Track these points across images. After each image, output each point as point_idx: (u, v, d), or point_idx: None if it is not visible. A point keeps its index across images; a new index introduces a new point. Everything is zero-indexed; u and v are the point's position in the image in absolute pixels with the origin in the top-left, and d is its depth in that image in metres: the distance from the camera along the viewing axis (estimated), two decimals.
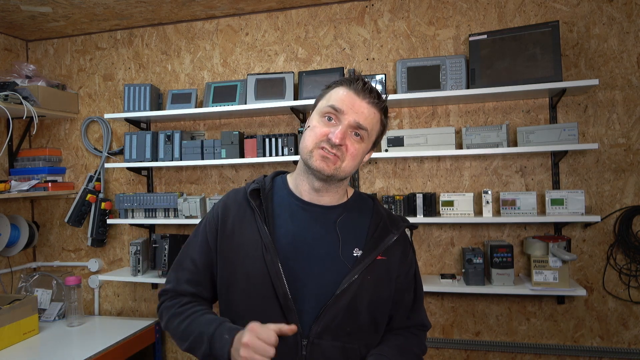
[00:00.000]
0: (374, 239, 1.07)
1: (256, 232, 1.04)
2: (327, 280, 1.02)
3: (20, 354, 2.08)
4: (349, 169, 1.03)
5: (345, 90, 1.03)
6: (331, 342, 1.00)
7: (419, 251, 2.44)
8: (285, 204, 1.09)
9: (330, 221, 1.07)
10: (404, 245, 1.14)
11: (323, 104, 1.05)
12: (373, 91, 1.04)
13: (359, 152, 1.03)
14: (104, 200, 2.77)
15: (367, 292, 1.03)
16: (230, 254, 1.05)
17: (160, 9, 2.57)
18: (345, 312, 1.01)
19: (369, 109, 1.03)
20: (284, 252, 1.02)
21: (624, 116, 2.19)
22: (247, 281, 1.02)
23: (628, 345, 2.19)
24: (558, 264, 2.07)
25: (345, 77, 1.08)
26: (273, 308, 0.99)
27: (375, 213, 1.12)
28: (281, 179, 1.14)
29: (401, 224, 1.13)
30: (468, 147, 2.21)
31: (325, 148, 1.00)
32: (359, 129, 1.02)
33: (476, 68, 2.21)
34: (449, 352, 2.39)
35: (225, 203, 1.12)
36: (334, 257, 1.04)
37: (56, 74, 2.98)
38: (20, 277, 2.79)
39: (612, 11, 2.21)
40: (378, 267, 1.06)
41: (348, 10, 2.53)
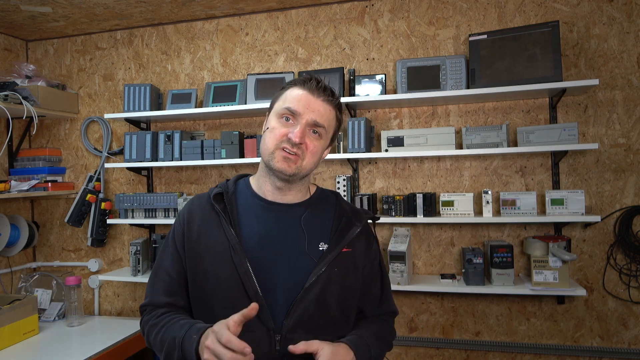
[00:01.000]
0: (338, 233, 1.10)
1: (223, 235, 1.06)
2: (295, 276, 1.04)
3: (20, 354, 2.08)
4: (309, 166, 1.07)
5: (300, 90, 1.06)
6: (304, 335, 1.02)
7: (419, 251, 2.44)
8: (250, 205, 1.11)
9: (294, 218, 1.10)
10: (368, 236, 1.17)
11: (279, 105, 1.07)
12: (327, 89, 1.08)
13: (318, 149, 1.07)
14: (104, 200, 2.77)
15: (335, 283, 1.06)
16: (199, 258, 1.07)
17: (160, 9, 2.57)
18: (315, 305, 1.04)
19: (324, 106, 1.06)
20: (251, 251, 1.05)
21: (624, 116, 2.19)
22: (218, 283, 1.04)
23: (628, 345, 2.19)
24: (558, 264, 2.07)
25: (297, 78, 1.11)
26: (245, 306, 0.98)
27: (338, 208, 1.15)
28: (244, 182, 1.17)
29: (364, 216, 1.16)
30: (468, 147, 2.21)
31: (286, 148, 1.03)
32: (316, 126, 1.05)
33: (476, 68, 2.21)
34: (449, 352, 2.39)
35: (189, 209, 1.14)
36: (300, 253, 1.06)
37: (56, 74, 2.98)
38: (20, 277, 2.79)
39: (612, 11, 2.21)
40: (344, 259, 1.09)
41: (348, 10, 2.53)
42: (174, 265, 1.11)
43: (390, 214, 2.30)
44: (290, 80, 1.11)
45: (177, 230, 1.13)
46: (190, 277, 1.09)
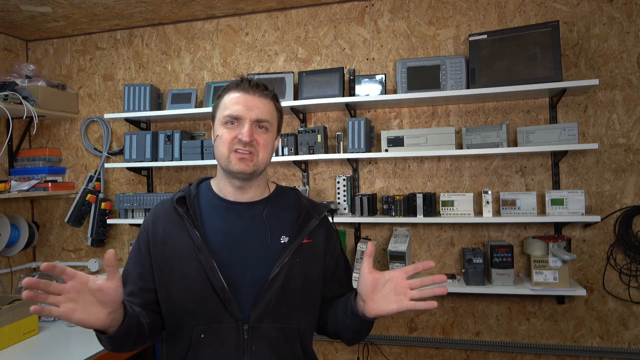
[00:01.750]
0: (298, 225, 1.16)
1: (187, 236, 1.11)
2: (260, 269, 1.10)
3: (20, 354, 2.08)
4: (265, 159, 1.13)
5: (236, 94, 1.11)
6: (271, 324, 1.09)
7: (419, 251, 2.44)
8: (212, 206, 1.17)
9: (256, 215, 1.16)
10: (327, 227, 1.23)
11: (221, 113, 1.12)
12: (260, 85, 1.12)
13: (268, 141, 1.13)
14: (104, 200, 2.77)
15: (298, 273, 1.12)
16: (166, 260, 1.12)
17: (160, 9, 2.57)
18: (280, 294, 1.09)
19: (262, 101, 1.11)
20: (216, 249, 1.10)
21: (624, 116, 2.19)
22: (186, 281, 1.09)
23: (628, 345, 2.19)
24: (558, 264, 2.07)
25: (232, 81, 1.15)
26: (213, 301, 1.07)
27: (297, 203, 1.21)
28: (205, 185, 1.22)
29: (322, 209, 1.22)
30: (468, 147, 2.21)
31: (239, 149, 1.08)
32: (260, 122, 1.10)
33: (476, 68, 2.21)
34: (449, 352, 2.39)
35: (154, 215, 1.19)
36: (264, 247, 1.12)
37: (56, 74, 2.98)
38: (20, 277, 2.79)
39: (612, 11, 2.21)
40: (305, 250, 1.15)
41: (348, 10, 2.53)
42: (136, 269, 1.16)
43: (390, 214, 2.30)
44: (224, 87, 1.15)
45: (142, 235, 1.18)
46: (157, 278, 1.13)
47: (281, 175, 2.62)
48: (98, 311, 0.92)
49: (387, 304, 1.01)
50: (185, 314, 1.09)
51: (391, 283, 1.02)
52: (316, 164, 2.57)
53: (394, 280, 1.02)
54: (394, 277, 1.02)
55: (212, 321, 1.07)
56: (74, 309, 0.89)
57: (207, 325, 1.07)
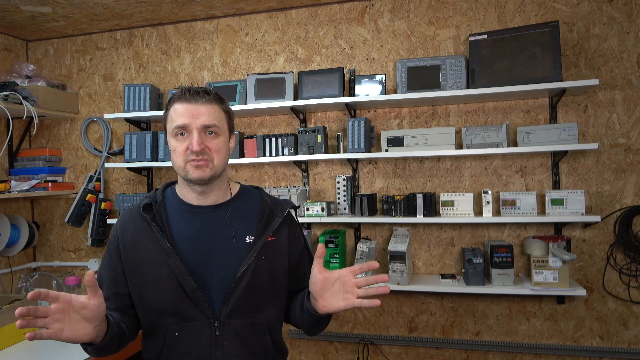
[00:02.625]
0: (262, 225, 1.20)
1: (156, 242, 1.15)
2: (227, 269, 1.15)
3: (20, 354, 2.08)
4: (221, 162, 1.15)
5: (179, 105, 1.13)
6: (241, 319, 1.15)
7: (419, 251, 2.44)
8: (177, 211, 1.20)
9: (220, 218, 1.19)
10: (291, 224, 1.27)
11: (170, 126, 1.15)
12: (200, 91, 1.14)
13: (221, 145, 1.15)
14: (104, 200, 2.77)
15: (264, 270, 1.17)
16: (137, 265, 1.16)
17: (160, 9, 2.57)
18: (248, 291, 1.15)
19: (205, 107, 1.12)
20: (184, 253, 1.14)
21: (624, 116, 2.19)
22: (157, 285, 1.14)
23: (628, 345, 2.19)
24: (558, 264, 2.07)
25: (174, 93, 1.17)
26: (185, 302, 1.12)
27: (261, 202, 1.25)
28: (170, 190, 1.26)
29: (285, 206, 1.26)
30: (468, 147, 2.21)
31: (194, 159, 1.11)
32: (208, 128, 1.12)
33: (476, 68, 2.21)
34: (449, 352, 2.39)
35: (122, 222, 1.23)
36: (230, 248, 1.16)
37: (56, 74, 2.98)
38: (20, 277, 2.79)
39: (612, 11, 2.21)
40: (270, 247, 1.20)
41: (348, 10, 2.53)
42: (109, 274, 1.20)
43: (390, 214, 2.30)
44: (169, 99, 1.18)
45: (112, 243, 1.21)
46: (129, 283, 1.18)
47: (281, 175, 2.62)
48: (84, 327, 0.98)
49: (336, 301, 1.07)
50: (159, 315, 1.14)
51: (340, 282, 1.07)
52: (316, 164, 2.57)
53: (342, 279, 1.07)
54: (342, 276, 1.07)
55: (185, 319, 1.13)
56: (61, 328, 0.95)
57: (180, 323, 1.13)
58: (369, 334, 2.48)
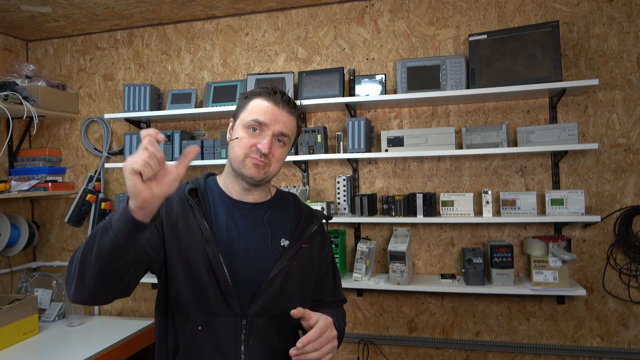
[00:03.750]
0: (298, 230, 1.22)
1: (196, 227, 1.13)
2: (260, 268, 1.15)
3: (20, 354, 2.08)
4: (275, 171, 1.17)
5: (266, 103, 1.14)
6: (268, 320, 1.14)
7: (419, 251, 2.44)
8: (219, 202, 1.20)
9: (258, 216, 1.20)
10: (322, 234, 1.30)
11: (246, 116, 1.15)
12: (290, 102, 1.16)
13: (283, 155, 1.18)
14: (104, 200, 2.77)
15: (294, 276, 1.18)
16: (176, 239, 1.12)
17: (160, 9, 2.57)
18: (278, 294, 1.15)
19: (288, 117, 1.16)
20: (222, 244, 1.14)
21: (624, 116, 2.19)
22: (190, 271, 1.11)
23: (628, 345, 2.19)
24: (558, 264, 2.07)
25: (261, 88, 1.17)
26: (215, 294, 1.10)
27: (297, 208, 1.28)
28: (212, 180, 1.25)
29: (320, 216, 1.28)
30: (468, 147, 2.21)
31: (256, 157, 1.12)
32: (282, 136, 1.15)
33: (476, 68, 2.21)
34: (449, 352, 2.39)
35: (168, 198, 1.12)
36: (264, 248, 1.17)
37: (56, 74, 2.98)
38: (20, 277, 2.79)
39: (612, 11, 2.21)
40: (302, 254, 1.21)
41: (348, 10, 2.53)
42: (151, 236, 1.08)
43: (390, 214, 2.30)
44: (254, 91, 1.18)
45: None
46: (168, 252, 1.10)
47: (281, 175, 2.62)
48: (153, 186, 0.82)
49: None
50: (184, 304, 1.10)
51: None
52: (316, 164, 2.57)
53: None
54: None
55: (211, 314, 1.10)
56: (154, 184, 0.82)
57: (205, 318, 1.10)
58: (369, 334, 2.48)
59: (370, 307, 2.50)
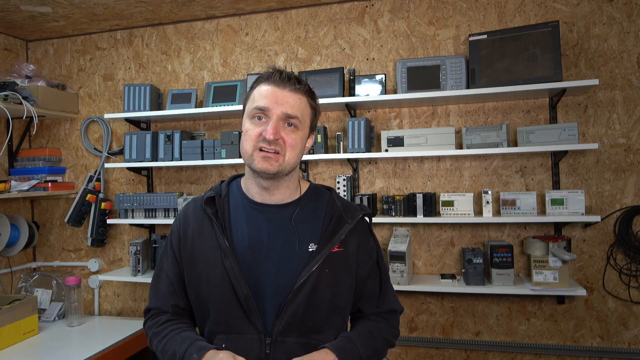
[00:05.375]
0: (328, 232, 1.07)
1: (214, 239, 1.06)
2: (285, 279, 1.03)
3: (20, 354, 2.08)
4: (292, 160, 1.03)
5: (265, 86, 1.03)
6: (295, 338, 1.02)
7: (419, 251, 2.44)
8: (240, 207, 1.10)
9: (285, 219, 1.08)
10: (363, 233, 1.13)
11: (249, 106, 1.05)
12: (292, 78, 1.04)
13: (297, 141, 1.04)
14: (104, 200, 2.77)
15: (326, 285, 1.04)
16: (194, 262, 1.08)
17: (160, 9, 2.57)
18: (306, 307, 1.02)
19: (292, 96, 1.03)
20: (241, 256, 1.04)
21: (624, 116, 2.19)
22: (210, 287, 1.05)
23: (628, 345, 2.19)
24: (558, 264, 2.07)
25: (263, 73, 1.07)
26: (236, 310, 1.02)
27: (330, 205, 1.11)
28: (236, 183, 1.16)
29: (358, 212, 1.12)
30: (468, 147, 2.21)
31: (264, 147, 1.00)
32: (289, 118, 1.02)
33: (476, 68, 2.21)
34: (449, 352, 2.39)
35: (185, 214, 1.15)
36: (290, 255, 1.05)
37: (56, 74, 2.98)
38: (20, 277, 2.79)
39: (612, 11, 2.21)
40: (335, 259, 1.06)
41: (348, 10, 2.53)
42: (173, 268, 1.12)
43: (390, 214, 2.30)
44: (256, 78, 1.08)
45: (174, 234, 1.14)
46: (187, 280, 1.10)
47: None
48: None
49: None
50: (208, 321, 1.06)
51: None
52: (316, 164, 2.57)
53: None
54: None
55: (234, 331, 1.03)
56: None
57: (228, 334, 1.03)
58: None
59: None
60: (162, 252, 1.16)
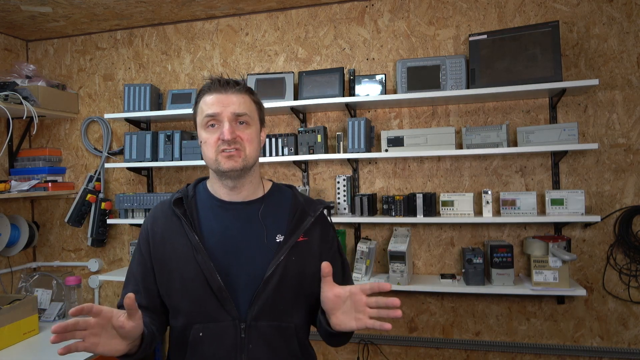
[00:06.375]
0: (293, 224, 1.17)
1: (185, 237, 1.14)
2: (256, 268, 1.12)
3: (20, 354, 2.08)
4: (253, 153, 1.14)
5: (209, 96, 1.13)
6: (268, 322, 1.11)
7: (419, 251, 2.44)
8: (208, 206, 1.19)
9: (252, 214, 1.17)
10: (324, 224, 1.24)
11: (200, 118, 1.14)
12: (230, 82, 1.14)
13: (252, 135, 1.14)
14: (104, 200, 2.77)
15: (293, 272, 1.14)
16: (165, 261, 1.15)
17: (160, 9, 2.57)
18: (276, 293, 1.11)
19: (236, 97, 1.12)
20: (213, 250, 1.12)
21: (624, 116, 2.19)
22: (184, 282, 1.12)
23: (628, 345, 2.19)
24: (558, 264, 2.07)
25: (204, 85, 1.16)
26: (211, 301, 1.10)
27: (293, 200, 1.22)
28: (202, 185, 1.24)
29: (318, 206, 1.23)
30: (468, 147, 2.21)
31: (225, 149, 1.10)
32: (239, 117, 1.12)
33: (476, 68, 2.21)
34: (449, 352, 2.39)
35: (153, 216, 1.22)
36: (259, 246, 1.14)
37: (56, 74, 2.98)
38: (20, 277, 2.79)
39: (612, 11, 2.21)
40: (301, 248, 1.16)
41: (348, 10, 2.53)
42: (139, 268, 1.19)
43: (390, 214, 2.30)
44: (198, 92, 1.17)
45: (142, 236, 1.21)
46: (158, 279, 1.16)
47: (281, 175, 2.62)
48: (118, 343, 0.98)
49: (348, 320, 1.03)
50: (184, 313, 1.12)
51: (351, 300, 1.03)
52: (316, 164, 2.57)
53: (353, 297, 1.02)
54: (353, 294, 1.02)
55: (210, 320, 1.10)
56: (97, 343, 0.95)
57: (205, 324, 1.10)
58: (369, 334, 2.48)
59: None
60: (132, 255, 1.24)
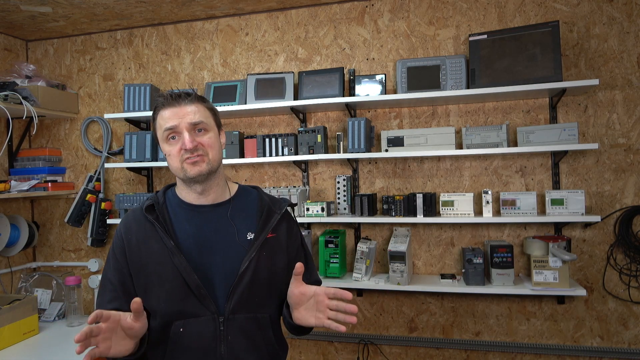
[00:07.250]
0: (262, 222, 1.25)
1: (160, 242, 1.19)
2: (230, 265, 1.19)
3: (20, 354, 2.08)
4: (217, 156, 1.21)
5: (165, 110, 1.19)
6: (244, 315, 1.19)
7: (419, 251, 2.44)
8: (179, 211, 1.25)
9: (221, 216, 1.24)
10: (289, 221, 1.33)
11: (160, 133, 1.21)
12: (181, 94, 1.20)
13: (213, 140, 1.21)
14: (104, 200, 2.77)
15: (264, 266, 1.22)
16: (142, 265, 1.20)
17: (160, 9, 2.57)
18: (250, 286, 1.19)
19: (189, 107, 1.19)
20: (188, 252, 1.19)
21: (624, 116, 2.19)
22: (162, 284, 1.17)
23: (628, 345, 2.19)
24: (558, 264, 2.07)
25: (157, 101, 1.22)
26: (190, 299, 1.16)
27: (259, 200, 1.30)
28: (171, 192, 1.31)
29: (283, 204, 1.32)
30: (468, 147, 2.21)
31: (189, 157, 1.17)
32: (196, 125, 1.18)
33: (476, 68, 2.21)
34: (449, 352, 2.39)
35: (125, 223, 1.27)
36: (232, 245, 1.21)
37: (56, 74, 2.98)
38: (20, 277, 2.79)
39: (612, 11, 2.21)
40: (270, 244, 1.25)
41: (348, 10, 2.53)
42: (116, 275, 1.23)
43: (390, 214, 2.30)
44: (153, 110, 1.23)
45: (116, 245, 1.25)
46: (136, 283, 1.21)
47: (281, 175, 2.62)
48: (128, 343, 1.06)
49: (309, 317, 1.13)
50: (165, 313, 1.18)
51: (314, 299, 1.13)
52: (316, 164, 2.57)
53: (317, 297, 1.12)
54: (317, 295, 1.12)
55: (190, 316, 1.16)
56: (109, 346, 1.02)
57: (185, 320, 1.16)
58: (369, 334, 2.48)
59: (370, 307, 2.50)
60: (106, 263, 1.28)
